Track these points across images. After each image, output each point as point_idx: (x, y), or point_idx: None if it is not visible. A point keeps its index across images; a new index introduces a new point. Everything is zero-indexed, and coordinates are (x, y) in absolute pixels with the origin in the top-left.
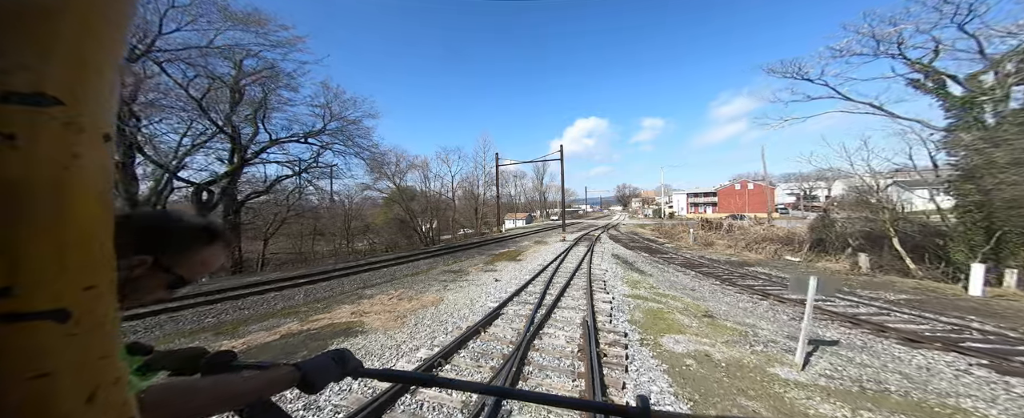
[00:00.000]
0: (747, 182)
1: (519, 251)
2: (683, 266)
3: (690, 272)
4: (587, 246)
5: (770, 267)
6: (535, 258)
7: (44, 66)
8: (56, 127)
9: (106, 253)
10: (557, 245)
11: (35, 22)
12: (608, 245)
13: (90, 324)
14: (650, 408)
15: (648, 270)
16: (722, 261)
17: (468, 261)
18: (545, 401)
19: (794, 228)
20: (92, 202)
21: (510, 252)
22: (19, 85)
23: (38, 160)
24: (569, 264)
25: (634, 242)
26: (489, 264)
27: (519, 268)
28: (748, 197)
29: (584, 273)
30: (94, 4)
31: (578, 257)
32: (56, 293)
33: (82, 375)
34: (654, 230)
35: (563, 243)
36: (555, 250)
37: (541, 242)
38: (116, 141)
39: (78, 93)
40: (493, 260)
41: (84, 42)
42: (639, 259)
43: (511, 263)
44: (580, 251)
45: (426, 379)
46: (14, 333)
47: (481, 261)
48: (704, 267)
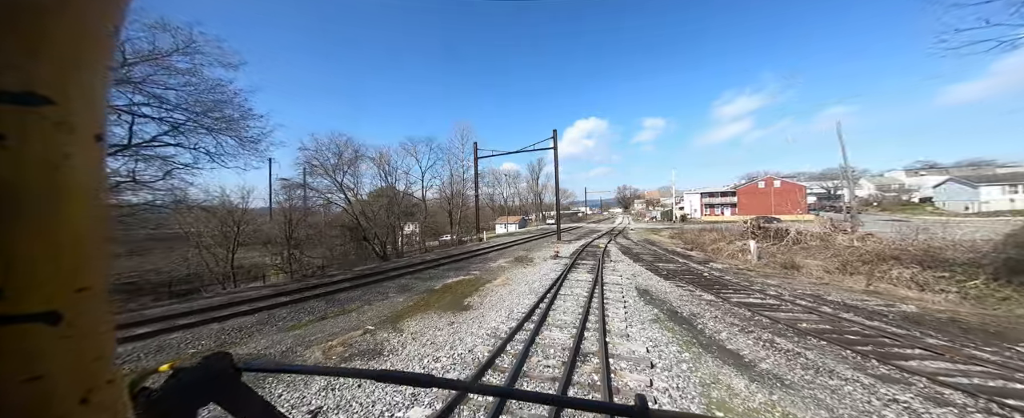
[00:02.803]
0: (773, 179)
1: (477, 284)
2: (852, 348)
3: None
4: (591, 268)
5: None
6: (497, 303)
7: (35, 65)
8: (47, 127)
9: (99, 254)
10: (545, 268)
11: (25, 21)
12: (623, 265)
13: (83, 326)
14: (648, 407)
15: (790, 377)
16: (889, 313)
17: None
18: (545, 401)
19: (908, 238)
20: (84, 203)
21: (459, 285)
22: (9, 84)
23: (29, 160)
24: (555, 338)
25: (661, 259)
26: (392, 324)
27: (440, 349)
28: (775, 197)
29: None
30: (86, 3)
31: (578, 303)
32: (48, 295)
33: (76, 377)
34: (674, 237)
35: (555, 263)
36: (541, 279)
37: (523, 261)
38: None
39: (69, 92)
40: (402, 314)
41: (75, 41)
42: (703, 310)
43: (442, 322)
44: (579, 286)
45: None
46: (6, 336)
47: (375, 314)
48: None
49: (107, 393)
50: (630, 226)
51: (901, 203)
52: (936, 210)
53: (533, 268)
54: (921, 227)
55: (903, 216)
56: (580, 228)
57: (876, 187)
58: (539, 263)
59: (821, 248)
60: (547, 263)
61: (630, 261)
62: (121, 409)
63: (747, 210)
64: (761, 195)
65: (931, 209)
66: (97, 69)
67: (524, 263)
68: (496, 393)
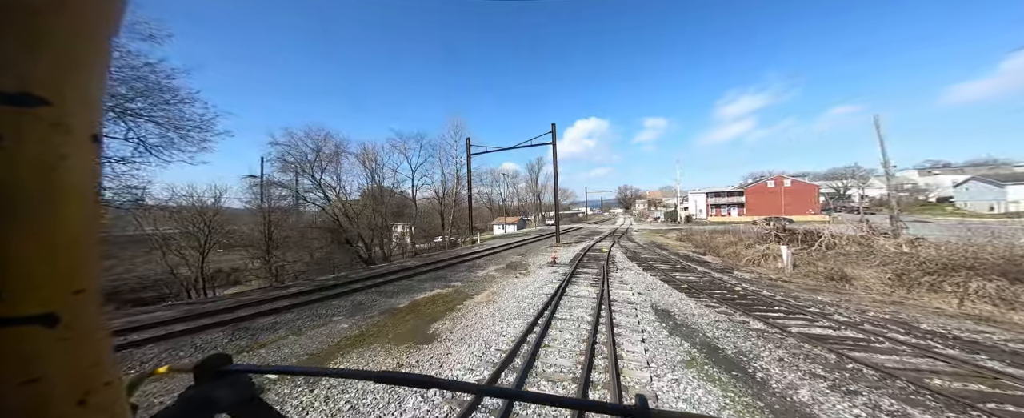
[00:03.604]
0: (783, 178)
1: (454, 301)
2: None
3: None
4: (595, 280)
5: None
6: (472, 332)
7: (31, 65)
8: (43, 128)
9: (95, 256)
10: (540, 278)
11: (21, 21)
12: (632, 275)
13: (81, 328)
14: (648, 407)
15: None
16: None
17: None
18: (544, 401)
19: (976, 243)
20: (81, 204)
21: (431, 303)
22: (5, 85)
23: (25, 161)
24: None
25: (676, 267)
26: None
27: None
28: (785, 196)
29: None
30: (83, 4)
31: (580, 333)
32: (45, 297)
33: (73, 379)
34: (683, 240)
35: (552, 271)
36: (534, 295)
37: (516, 269)
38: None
39: (66, 93)
40: (333, 352)
41: (72, 41)
42: (755, 346)
43: (388, 363)
44: (580, 307)
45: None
46: (3, 338)
47: (297, 351)
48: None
49: (105, 395)
50: (633, 227)
51: (919, 203)
52: (958, 210)
53: (526, 278)
54: (984, 229)
55: (924, 217)
56: (581, 229)
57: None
58: (534, 271)
59: (863, 254)
60: (543, 272)
61: (639, 269)
62: (119, 411)
63: (756, 211)
64: (770, 195)
65: (952, 209)
66: (93, 70)
67: (517, 271)
68: (500, 394)
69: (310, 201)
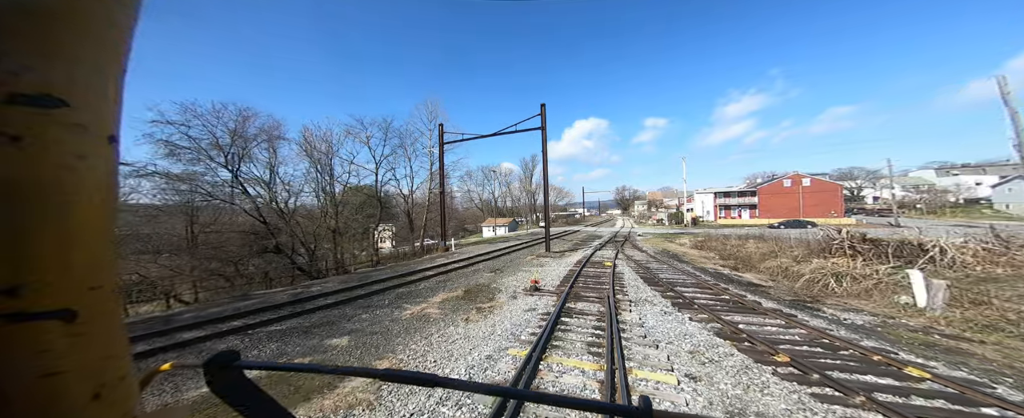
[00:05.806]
0: (801, 177)
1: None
2: None
3: None
4: (594, 335)
5: None
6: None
7: (50, 68)
8: (62, 129)
9: (111, 253)
10: (505, 324)
11: (42, 25)
12: (659, 320)
13: (97, 324)
14: (652, 408)
15: None
16: None
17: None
18: (546, 401)
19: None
20: (97, 203)
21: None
22: (25, 87)
23: (44, 161)
24: None
25: (726, 302)
26: None
27: None
28: (804, 197)
29: None
30: (100, 8)
31: None
32: (62, 293)
33: (89, 373)
34: (701, 248)
35: (527, 308)
36: (452, 413)
37: (475, 301)
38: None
39: (84, 95)
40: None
41: (90, 45)
42: None
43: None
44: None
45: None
46: (21, 333)
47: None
48: None
49: (119, 389)
50: (635, 231)
51: (950, 205)
52: (999, 213)
53: (479, 324)
54: None
55: (962, 220)
56: (577, 233)
57: (902, 188)
58: (497, 309)
59: (1014, 278)
60: (513, 308)
61: (668, 305)
62: (132, 406)
63: (769, 212)
64: (786, 195)
65: (990, 212)
66: (110, 72)
67: (471, 306)
68: (502, 393)
69: (221, 199)
